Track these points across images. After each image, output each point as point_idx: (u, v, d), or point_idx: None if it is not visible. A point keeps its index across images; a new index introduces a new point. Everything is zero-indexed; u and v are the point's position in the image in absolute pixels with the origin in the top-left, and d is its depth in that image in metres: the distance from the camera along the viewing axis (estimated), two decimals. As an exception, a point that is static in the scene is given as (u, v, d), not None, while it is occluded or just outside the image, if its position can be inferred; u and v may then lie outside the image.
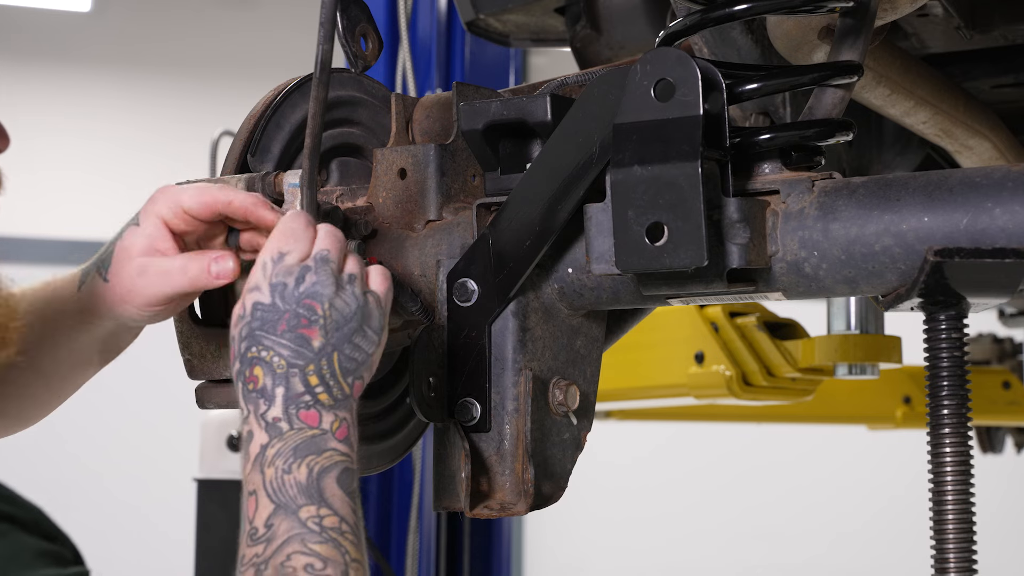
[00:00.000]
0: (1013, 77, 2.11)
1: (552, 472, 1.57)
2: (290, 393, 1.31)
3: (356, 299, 1.36)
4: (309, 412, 1.31)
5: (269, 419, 1.31)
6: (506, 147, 1.58)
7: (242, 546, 1.28)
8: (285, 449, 1.29)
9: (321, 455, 1.29)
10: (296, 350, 1.32)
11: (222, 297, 1.56)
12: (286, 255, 1.36)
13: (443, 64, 4.51)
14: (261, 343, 1.33)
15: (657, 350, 2.99)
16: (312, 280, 1.35)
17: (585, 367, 1.62)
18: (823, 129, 1.50)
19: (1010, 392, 3.52)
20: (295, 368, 1.32)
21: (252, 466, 1.30)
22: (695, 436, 6.47)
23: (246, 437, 1.32)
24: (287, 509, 1.26)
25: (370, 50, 1.63)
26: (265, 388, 1.32)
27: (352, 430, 1.33)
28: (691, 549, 6.88)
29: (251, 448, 1.31)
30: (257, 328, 1.33)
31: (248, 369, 1.33)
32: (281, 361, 1.32)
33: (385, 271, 1.42)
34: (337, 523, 1.26)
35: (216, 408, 1.60)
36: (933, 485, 1.50)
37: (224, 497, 4.35)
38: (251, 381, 1.32)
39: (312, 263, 1.36)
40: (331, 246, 1.38)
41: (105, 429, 6.27)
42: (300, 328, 1.33)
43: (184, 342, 1.56)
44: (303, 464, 1.28)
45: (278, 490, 1.27)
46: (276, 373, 1.32)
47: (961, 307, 1.48)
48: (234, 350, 1.35)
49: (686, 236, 1.39)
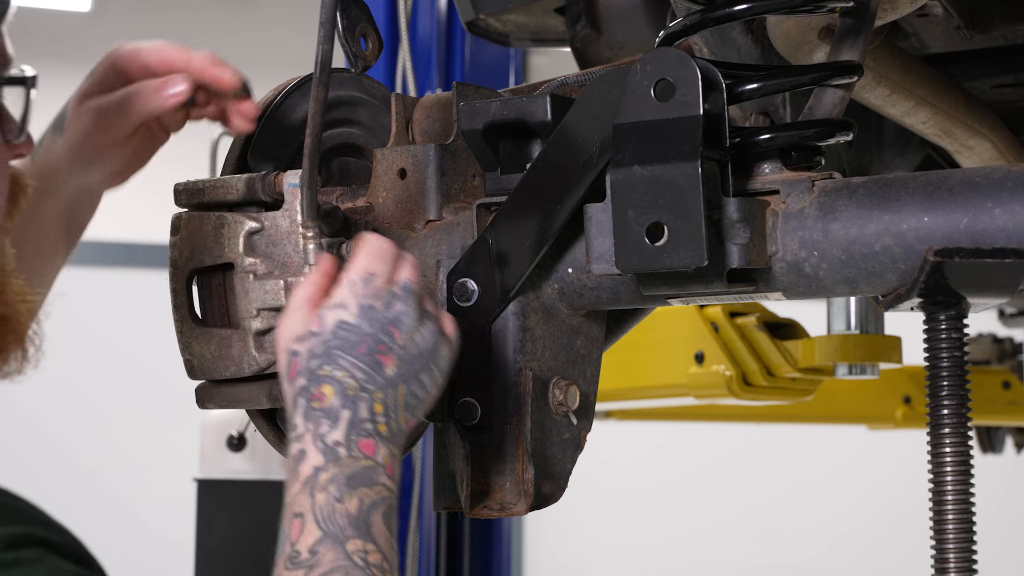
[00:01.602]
0: (1013, 77, 2.11)
1: (552, 472, 1.57)
2: (355, 417, 1.30)
3: (433, 336, 1.36)
4: (368, 441, 1.30)
5: (329, 442, 1.29)
6: (506, 147, 1.58)
7: (279, 567, 1.26)
8: (339, 477, 1.28)
9: (372, 488, 1.28)
10: (370, 374, 1.31)
11: (222, 297, 1.56)
12: (374, 277, 1.35)
13: (443, 64, 4.51)
14: (336, 362, 1.31)
15: (657, 350, 2.99)
16: (399, 308, 1.34)
17: (585, 367, 1.62)
18: (823, 129, 1.50)
19: (1010, 392, 3.52)
20: (365, 393, 1.31)
21: (301, 487, 1.29)
22: (695, 436, 6.47)
23: (297, 455, 1.30)
24: (335, 539, 1.25)
25: (370, 50, 1.63)
26: (332, 408, 1.30)
27: (397, 468, 1.32)
28: (691, 549, 6.87)
29: (302, 468, 1.29)
30: (336, 347, 1.32)
31: (316, 386, 1.31)
32: (354, 383, 1.30)
33: (454, 319, 1.41)
34: (380, 560, 1.25)
35: (216, 408, 1.60)
36: (933, 485, 1.50)
37: (224, 497, 4.35)
38: (317, 399, 1.30)
39: (400, 291, 1.35)
40: (415, 278, 1.38)
41: (105, 429, 6.27)
42: (378, 354, 1.32)
43: (184, 342, 1.56)
44: (355, 496, 1.27)
45: (328, 519, 1.26)
46: (347, 394, 1.30)
47: (961, 307, 1.48)
48: (298, 364, 1.33)
49: (686, 236, 1.39)
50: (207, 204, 1.57)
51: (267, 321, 1.53)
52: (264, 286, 1.53)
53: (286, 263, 1.54)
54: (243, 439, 4.33)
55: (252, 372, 1.54)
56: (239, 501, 4.33)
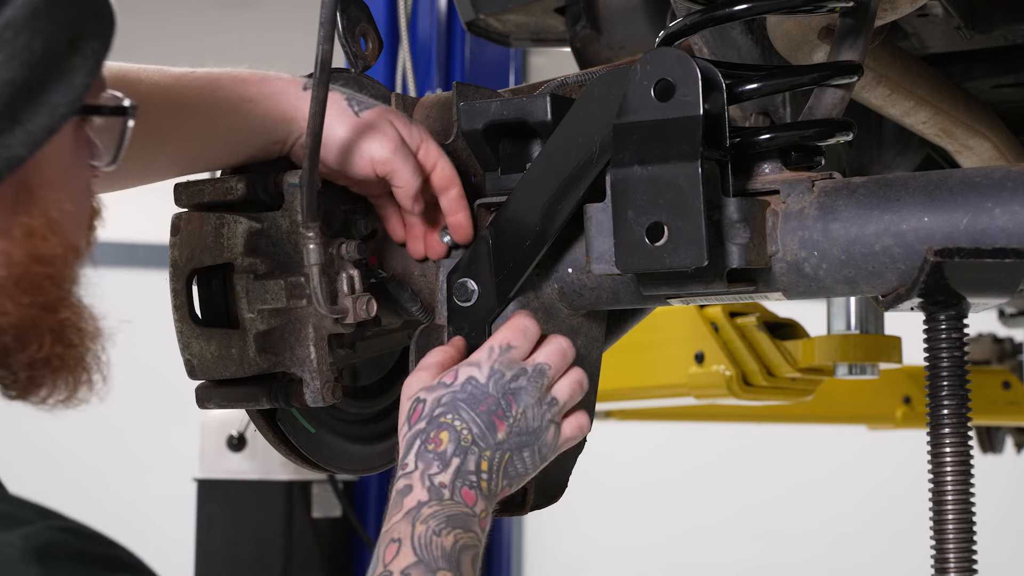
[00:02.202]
0: (1013, 77, 2.11)
1: (552, 472, 1.57)
2: (463, 467, 1.40)
3: (543, 421, 1.45)
4: (470, 492, 1.39)
5: (436, 482, 1.39)
6: (506, 147, 1.58)
7: None
8: (441, 514, 1.36)
9: (467, 533, 1.37)
10: (484, 433, 1.41)
11: (223, 298, 1.56)
12: (513, 349, 1.46)
13: (443, 64, 4.51)
14: (459, 413, 1.42)
15: (657, 350, 3.00)
16: (523, 383, 1.44)
17: (585, 367, 1.62)
18: (823, 129, 1.50)
19: (1010, 392, 3.53)
20: (476, 447, 1.41)
21: (403, 517, 1.37)
22: (695, 436, 6.47)
23: (402, 489, 1.39)
24: (427, 567, 1.33)
25: (370, 50, 1.63)
26: (445, 453, 1.40)
27: (489, 525, 1.41)
28: (691, 549, 6.87)
29: (407, 501, 1.38)
30: (462, 399, 1.42)
31: (435, 431, 1.41)
32: (469, 436, 1.41)
33: (583, 426, 1.49)
34: None
35: (216, 408, 1.60)
36: (933, 485, 1.50)
37: (224, 497, 4.35)
38: (433, 442, 1.40)
39: (530, 369, 1.45)
40: (554, 362, 1.46)
41: (105, 429, 6.27)
42: (495, 416, 1.42)
43: (184, 342, 1.56)
44: (452, 534, 1.35)
45: (424, 547, 1.34)
46: (460, 444, 1.40)
47: (961, 307, 1.48)
48: (421, 410, 1.43)
49: (686, 236, 1.39)
50: (207, 204, 1.56)
51: (267, 321, 1.53)
52: (264, 286, 1.53)
53: (286, 263, 1.54)
54: (243, 439, 4.33)
55: (252, 373, 1.54)
56: (239, 501, 4.33)
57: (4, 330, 1.14)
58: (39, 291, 1.15)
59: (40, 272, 1.15)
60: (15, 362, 1.16)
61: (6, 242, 1.13)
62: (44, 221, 1.15)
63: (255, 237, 1.54)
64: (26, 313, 1.14)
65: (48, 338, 1.16)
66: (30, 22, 1.09)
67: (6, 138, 1.09)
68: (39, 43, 1.10)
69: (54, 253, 1.16)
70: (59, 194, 1.17)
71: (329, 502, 4.39)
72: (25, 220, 1.14)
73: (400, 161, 1.52)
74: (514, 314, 1.51)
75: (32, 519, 1.05)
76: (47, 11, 1.10)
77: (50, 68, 1.11)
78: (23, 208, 1.14)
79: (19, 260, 1.14)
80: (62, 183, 1.17)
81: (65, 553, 1.04)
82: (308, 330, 1.53)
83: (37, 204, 1.14)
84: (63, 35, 1.12)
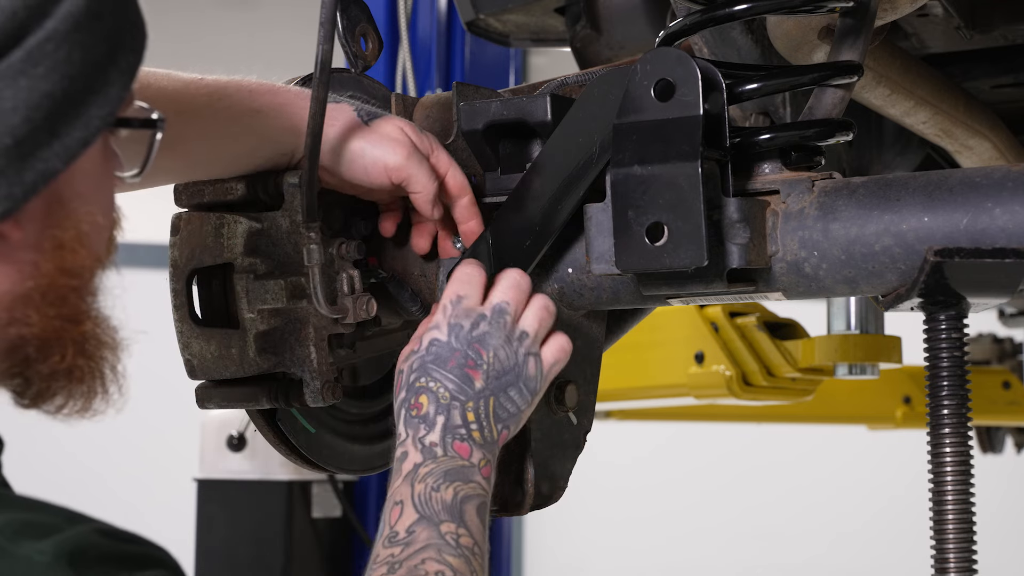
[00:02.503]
0: (1013, 77, 2.11)
1: (552, 472, 1.57)
2: (449, 423, 1.41)
3: (519, 357, 1.45)
4: (462, 444, 1.41)
5: (426, 443, 1.41)
6: (506, 147, 1.58)
7: (377, 547, 1.35)
8: (437, 471, 1.38)
9: (467, 484, 1.38)
10: (460, 386, 1.42)
11: (223, 297, 1.56)
12: (463, 299, 1.46)
13: (443, 64, 4.51)
14: (430, 375, 1.43)
15: (657, 350, 3.00)
16: (484, 328, 1.44)
17: (585, 367, 1.62)
18: (823, 129, 1.50)
19: (1010, 392, 3.53)
20: (457, 402, 1.42)
21: (402, 481, 1.39)
22: (695, 436, 6.47)
23: (399, 457, 1.41)
24: (430, 521, 1.34)
25: (370, 50, 1.63)
26: (427, 415, 1.41)
27: (493, 472, 1.42)
28: (691, 549, 6.87)
29: (404, 466, 1.40)
30: (430, 361, 1.43)
31: (414, 397, 1.43)
32: (446, 393, 1.42)
33: (564, 347, 1.48)
34: (471, 544, 1.34)
35: (216, 408, 1.60)
36: (933, 485, 1.50)
37: (224, 497, 4.35)
38: (415, 408, 1.42)
39: (489, 312, 1.45)
40: (511, 298, 1.46)
41: (105, 429, 6.26)
42: (467, 368, 1.43)
43: (184, 342, 1.56)
44: (451, 487, 1.37)
45: (425, 503, 1.36)
46: (440, 403, 1.42)
47: (961, 307, 1.48)
48: (400, 381, 1.45)
49: (686, 236, 1.39)
50: (207, 204, 1.56)
51: (267, 321, 1.53)
52: (264, 286, 1.53)
53: (286, 263, 1.54)
54: (243, 439, 4.33)
55: (252, 373, 1.54)
56: (239, 501, 4.33)
57: (28, 341, 1.15)
58: (64, 303, 1.16)
59: (66, 284, 1.15)
60: (35, 372, 1.16)
61: (36, 255, 1.13)
62: (75, 234, 1.15)
63: (255, 237, 1.54)
64: (50, 324, 1.15)
65: (71, 350, 1.17)
66: (72, 35, 1.09)
67: (43, 151, 1.09)
68: (79, 56, 1.10)
69: (82, 266, 1.16)
70: (91, 207, 1.17)
71: (329, 502, 4.39)
72: (56, 233, 1.14)
73: (415, 167, 1.52)
74: (458, 264, 1.50)
75: (62, 526, 1.06)
76: (88, 24, 1.10)
77: (88, 81, 1.11)
78: (55, 220, 1.14)
79: (47, 272, 1.14)
80: (94, 196, 1.18)
81: (95, 555, 1.06)
82: (308, 330, 1.53)
83: (70, 217, 1.15)
84: (102, 48, 1.12)
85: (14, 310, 1.13)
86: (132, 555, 1.09)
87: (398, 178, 1.52)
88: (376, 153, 1.52)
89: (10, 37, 1.07)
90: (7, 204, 1.08)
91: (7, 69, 1.07)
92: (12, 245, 1.12)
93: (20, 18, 1.07)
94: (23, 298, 1.13)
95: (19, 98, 1.07)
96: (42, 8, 1.08)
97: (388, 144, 1.52)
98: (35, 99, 1.08)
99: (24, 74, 1.07)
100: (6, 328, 1.13)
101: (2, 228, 1.10)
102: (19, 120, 1.07)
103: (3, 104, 1.07)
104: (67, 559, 1.04)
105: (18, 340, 1.14)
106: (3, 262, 1.12)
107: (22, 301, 1.13)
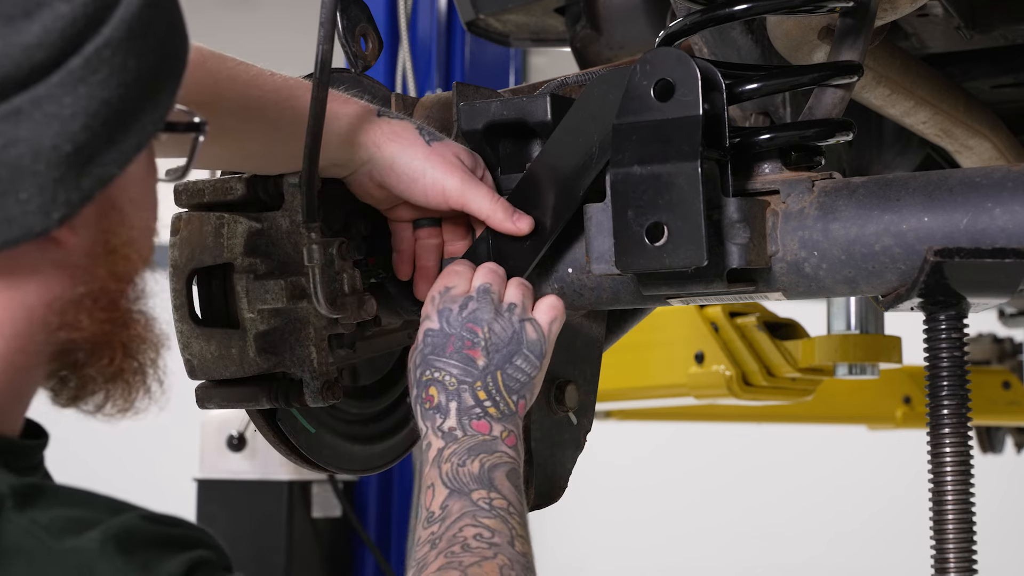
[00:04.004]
0: (1013, 77, 2.11)
1: (552, 472, 1.57)
2: (462, 406, 1.43)
3: (515, 325, 1.46)
4: (480, 422, 1.42)
5: (445, 429, 1.43)
6: (506, 147, 1.58)
7: (418, 530, 1.38)
8: (460, 449, 1.40)
9: (492, 455, 1.40)
10: (464, 368, 1.44)
11: (223, 297, 1.56)
12: (451, 288, 1.48)
13: (443, 64, 4.51)
14: (433, 365, 1.45)
15: (657, 350, 3.00)
16: (473, 307, 1.46)
17: (585, 367, 1.62)
18: (823, 129, 1.50)
19: (1010, 392, 3.53)
20: (464, 384, 1.43)
21: (430, 467, 1.41)
22: (695, 436, 6.47)
23: (424, 448, 1.43)
24: (460, 493, 1.37)
25: (370, 50, 1.63)
26: (440, 404, 1.43)
27: (519, 442, 1.44)
28: (691, 549, 6.87)
29: (429, 454, 1.42)
30: (429, 353, 1.45)
31: (424, 391, 1.45)
32: (452, 379, 1.43)
33: (555, 304, 1.49)
34: (505, 505, 1.36)
35: (216, 408, 1.60)
36: (933, 485, 1.50)
37: (224, 497, 4.35)
38: (427, 400, 1.44)
39: (474, 293, 1.47)
40: (491, 280, 1.48)
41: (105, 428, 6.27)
42: (465, 349, 1.44)
43: (184, 342, 1.56)
44: (476, 460, 1.39)
45: (453, 479, 1.38)
46: (448, 390, 1.43)
47: (961, 307, 1.48)
48: (410, 380, 1.47)
49: (686, 236, 1.39)
50: (207, 204, 1.56)
51: (267, 321, 1.53)
52: (264, 286, 1.53)
53: (286, 263, 1.54)
54: (243, 439, 4.33)
55: (252, 373, 1.54)
56: (239, 501, 4.33)
57: (78, 344, 1.15)
58: (115, 307, 1.16)
59: (116, 289, 1.16)
60: (83, 375, 1.17)
61: (89, 260, 1.14)
62: (126, 238, 1.15)
63: (255, 237, 1.54)
64: (100, 328, 1.15)
65: (119, 352, 1.17)
66: (126, 42, 1.09)
67: (101, 157, 1.09)
68: (134, 62, 1.10)
69: (133, 270, 1.17)
70: (143, 212, 1.18)
71: (329, 502, 4.39)
72: (109, 238, 1.14)
73: (472, 192, 1.53)
74: (447, 266, 1.53)
75: (105, 519, 1.07)
76: (141, 30, 1.10)
77: (142, 87, 1.11)
78: (107, 225, 1.14)
79: (99, 277, 1.14)
80: (143, 200, 1.18)
81: (142, 539, 1.07)
82: (308, 330, 1.53)
83: (123, 222, 1.15)
84: (154, 54, 1.12)
85: (65, 314, 1.13)
86: (177, 538, 1.11)
87: (456, 204, 1.53)
88: (436, 176, 1.53)
89: (69, 43, 1.07)
90: (64, 210, 1.08)
91: (67, 76, 1.07)
92: (67, 251, 1.12)
93: (80, 25, 1.07)
94: (74, 303, 1.13)
95: (79, 105, 1.07)
96: (100, 15, 1.08)
97: (447, 169, 1.53)
98: (94, 106, 1.08)
99: (84, 81, 1.07)
100: (56, 332, 1.13)
101: (58, 234, 1.10)
102: (78, 127, 1.07)
103: (63, 111, 1.06)
104: (114, 543, 1.05)
105: (68, 344, 1.14)
106: (57, 267, 1.12)
107: (73, 306, 1.13)
